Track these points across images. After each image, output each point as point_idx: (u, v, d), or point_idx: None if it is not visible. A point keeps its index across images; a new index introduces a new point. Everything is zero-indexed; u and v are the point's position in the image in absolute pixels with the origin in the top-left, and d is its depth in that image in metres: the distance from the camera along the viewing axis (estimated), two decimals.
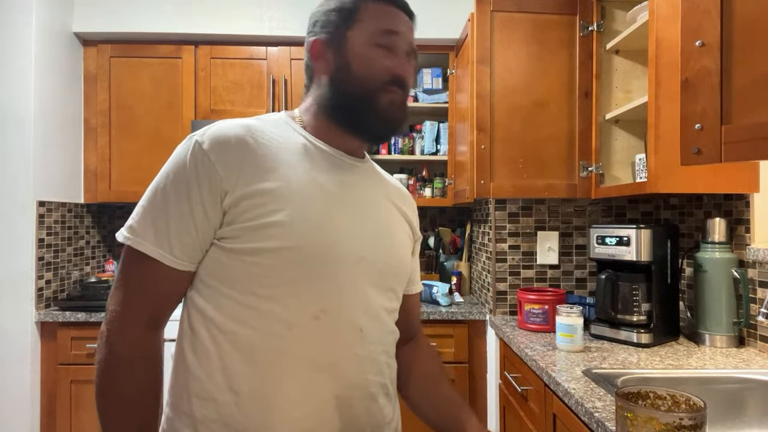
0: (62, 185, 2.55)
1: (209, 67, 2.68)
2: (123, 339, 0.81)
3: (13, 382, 2.30)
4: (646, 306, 1.73)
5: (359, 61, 0.88)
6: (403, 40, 0.90)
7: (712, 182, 1.64)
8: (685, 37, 0.99)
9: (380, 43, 0.88)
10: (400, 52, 0.90)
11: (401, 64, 0.89)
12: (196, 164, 0.80)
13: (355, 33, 0.89)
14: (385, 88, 0.87)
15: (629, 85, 2.09)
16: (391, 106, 0.88)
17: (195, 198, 0.79)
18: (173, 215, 0.79)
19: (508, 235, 2.21)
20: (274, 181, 0.81)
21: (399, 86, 0.88)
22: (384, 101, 0.87)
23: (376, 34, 0.88)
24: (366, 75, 0.87)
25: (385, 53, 0.88)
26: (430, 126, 2.83)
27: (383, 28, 0.89)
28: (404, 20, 0.92)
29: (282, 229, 0.79)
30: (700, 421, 0.77)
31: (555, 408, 1.38)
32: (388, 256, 0.90)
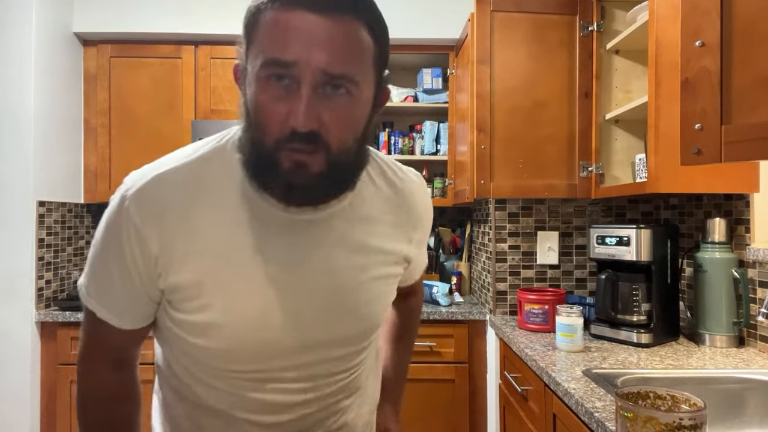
0: (62, 185, 2.55)
1: (209, 67, 2.68)
2: (88, 380, 0.81)
3: (13, 382, 2.30)
4: (646, 306, 1.73)
5: (253, 105, 0.66)
6: (302, 68, 0.61)
7: (712, 182, 1.64)
8: (685, 37, 0.99)
9: (268, 80, 0.63)
10: (301, 88, 0.62)
11: (301, 110, 0.62)
12: (129, 234, 0.69)
13: (250, 59, 0.66)
14: (284, 145, 0.64)
15: (629, 85, 2.09)
16: (296, 168, 0.64)
17: (132, 268, 0.70)
18: (116, 279, 0.72)
19: (508, 235, 2.21)
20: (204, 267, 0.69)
21: (302, 140, 0.63)
22: (286, 164, 0.64)
23: (264, 66, 0.63)
24: (260, 126, 0.65)
25: (278, 94, 0.63)
26: (430, 126, 2.83)
27: (270, 58, 0.63)
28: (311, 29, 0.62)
29: (211, 329, 0.70)
30: (700, 421, 0.77)
31: (555, 408, 1.38)
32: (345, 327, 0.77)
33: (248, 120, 0.68)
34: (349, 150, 0.67)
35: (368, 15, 0.66)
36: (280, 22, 0.62)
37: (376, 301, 0.81)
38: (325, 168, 0.65)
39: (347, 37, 0.63)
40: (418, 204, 0.87)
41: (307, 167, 0.65)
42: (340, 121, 0.65)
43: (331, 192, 0.71)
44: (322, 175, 0.66)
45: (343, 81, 0.64)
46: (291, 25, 0.62)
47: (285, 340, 0.73)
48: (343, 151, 0.66)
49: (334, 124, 0.64)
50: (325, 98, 0.64)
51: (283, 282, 0.72)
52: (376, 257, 0.79)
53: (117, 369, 0.81)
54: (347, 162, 0.68)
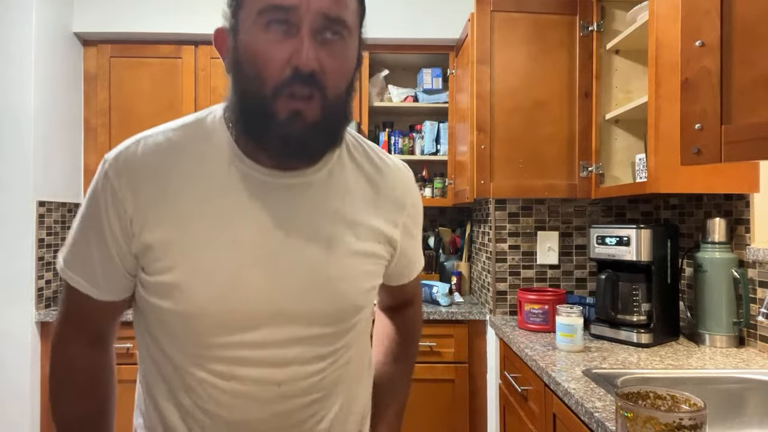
0: (62, 185, 2.55)
1: (209, 67, 2.68)
2: (63, 355, 0.79)
3: (13, 382, 2.30)
4: (646, 306, 1.73)
5: (246, 55, 0.66)
6: (303, 13, 0.63)
7: (712, 182, 1.64)
8: (685, 37, 0.99)
9: (268, 21, 0.64)
10: (302, 30, 0.64)
11: (304, 49, 0.63)
12: (106, 198, 0.70)
13: (243, 14, 0.66)
14: (282, 91, 0.65)
15: (629, 85, 2.09)
16: (295, 116, 0.65)
17: (108, 234, 0.71)
18: (94, 248, 0.72)
19: (508, 235, 2.21)
20: (174, 228, 0.69)
21: (304, 82, 0.64)
22: (282, 112, 0.65)
23: (263, 12, 0.64)
24: (255, 74, 0.66)
25: (278, 37, 0.64)
26: (430, 126, 2.83)
27: (270, 3, 0.64)
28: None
29: (176, 291, 0.69)
30: (700, 421, 0.77)
31: (555, 408, 1.38)
32: (322, 299, 0.74)
33: (241, 74, 0.68)
34: (340, 98, 0.69)
35: None
36: None
37: (354, 278, 0.77)
38: (320, 116, 0.66)
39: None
40: (400, 186, 0.85)
41: (304, 116, 0.65)
42: (336, 65, 0.67)
43: (324, 144, 0.70)
44: (317, 124, 0.66)
45: (339, 26, 0.66)
46: None
47: (253, 307, 0.70)
48: (336, 98, 0.68)
49: (330, 67, 0.66)
50: (323, 43, 0.65)
51: (254, 247, 0.71)
52: (353, 229, 0.77)
53: (93, 345, 0.80)
54: (339, 112, 0.69)
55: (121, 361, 2.33)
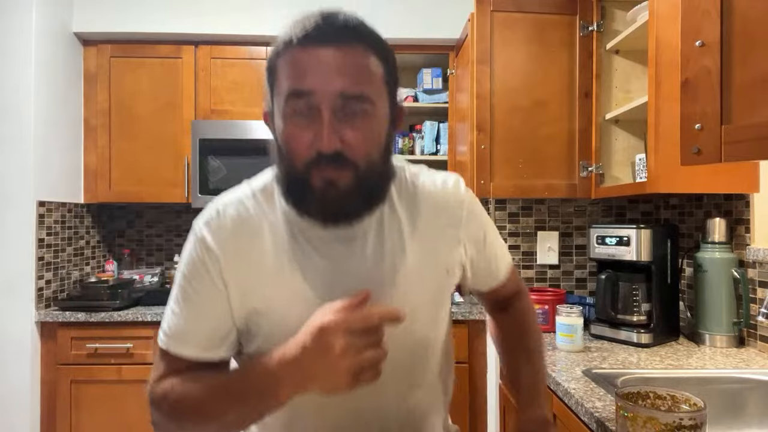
0: (62, 185, 2.55)
1: (209, 67, 2.68)
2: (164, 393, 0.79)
3: (13, 382, 2.30)
4: (646, 306, 1.73)
5: (282, 137, 0.73)
6: (319, 97, 0.68)
7: (712, 182, 1.64)
8: (685, 37, 0.99)
9: (292, 113, 0.71)
10: (322, 113, 0.69)
11: (323, 133, 0.69)
12: (204, 260, 0.78)
13: (276, 100, 0.73)
14: (314, 167, 0.71)
15: (629, 85, 2.09)
16: (327, 186, 0.71)
17: (215, 291, 0.78)
18: (199, 309, 0.79)
19: (508, 235, 2.21)
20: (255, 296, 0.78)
21: (330, 161, 0.69)
22: (316, 181, 0.71)
23: (287, 100, 0.71)
24: (290, 154, 0.72)
25: (302, 123, 0.70)
26: (430, 126, 2.83)
27: (291, 89, 0.70)
28: (322, 56, 0.69)
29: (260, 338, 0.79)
30: (700, 421, 0.77)
31: (555, 408, 1.38)
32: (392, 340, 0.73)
33: (280, 153, 0.75)
34: (375, 164, 0.73)
35: (372, 40, 0.73)
36: (295, 59, 0.70)
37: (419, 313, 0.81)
38: (354, 183, 0.71)
39: (356, 62, 0.70)
40: (453, 202, 0.87)
41: (336, 184, 0.71)
42: (362, 138, 0.71)
43: (362, 206, 0.75)
44: (352, 189, 0.71)
45: (359, 101, 0.70)
46: (305, 59, 0.69)
47: None
48: (370, 166, 0.72)
49: (356, 142, 0.70)
50: (345, 120, 0.70)
51: (322, 295, 0.75)
52: (411, 266, 0.81)
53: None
54: (375, 176, 0.74)
55: (122, 361, 2.33)
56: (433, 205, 0.86)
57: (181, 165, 2.66)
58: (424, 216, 0.84)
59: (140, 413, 2.34)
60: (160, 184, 2.66)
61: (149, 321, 2.32)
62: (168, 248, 3.05)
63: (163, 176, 2.66)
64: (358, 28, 0.72)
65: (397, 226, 0.82)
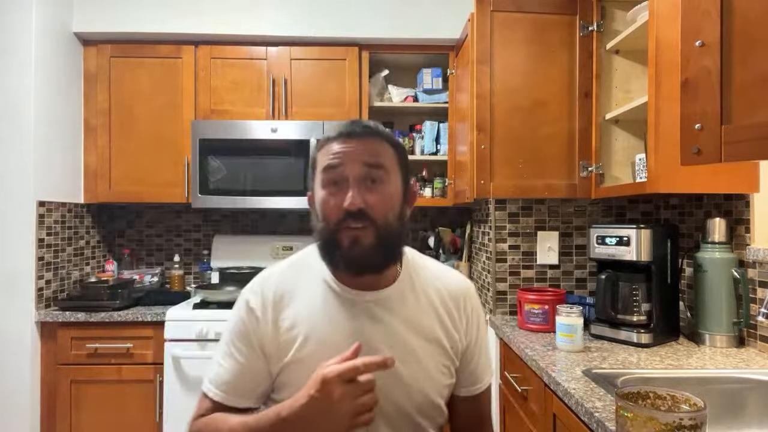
0: (62, 185, 2.55)
1: (209, 67, 2.68)
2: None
3: (13, 382, 2.30)
4: (646, 306, 1.73)
5: (319, 206, 0.93)
6: (349, 168, 0.90)
7: (712, 182, 1.64)
8: (685, 37, 0.99)
9: (327, 182, 0.91)
10: (349, 182, 0.89)
11: (349, 195, 0.88)
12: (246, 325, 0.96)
13: (316, 180, 0.94)
14: (342, 226, 0.89)
15: (629, 85, 2.09)
16: (355, 243, 0.88)
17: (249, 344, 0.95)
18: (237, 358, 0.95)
19: (508, 235, 2.21)
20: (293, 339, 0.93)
21: (354, 218, 0.88)
22: (345, 240, 0.89)
23: (323, 175, 0.92)
24: (325, 217, 0.91)
25: (334, 191, 0.90)
26: (430, 126, 2.83)
27: (325, 166, 0.91)
28: (350, 145, 0.91)
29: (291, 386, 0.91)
30: (700, 421, 0.77)
31: (555, 408, 1.38)
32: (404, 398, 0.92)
33: (317, 218, 0.94)
34: (391, 224, 0.91)
35: (387, 136, 0.95)
36: (332, 145, 0.92)
37: (429, 377, 0.96)
38: (375, 240, 0.89)
39: (374, 145, 0.92)
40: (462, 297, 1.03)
41: (361, 242, 0.88)
42: (380, 201, 0.90)
43: (381, 260, 0.92)
44: (374, 246, 0.89)
45: (377, 170, 0.90)
46: (338, 147, 0.91)
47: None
48: (387, 224, 0.90)
49: (376, 203, 0.89)
50: (366, 188, 0.90)
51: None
52: (423, 334, 0.97)
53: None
54: (392, 235, 0.91)
55: (122, 361, 2.33)
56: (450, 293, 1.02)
57: (181, 165, 2.66)
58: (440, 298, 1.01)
59: (140, 413, 2.35)
60: (160, 184, 2.66)
61: (149, 321, 2.32)
62: (168, 248, 3.05)
63: (163, 176, 2.66)
64: (377, 128, 0.95)
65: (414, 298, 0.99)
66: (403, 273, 1.00)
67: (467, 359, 1.03)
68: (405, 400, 0.93)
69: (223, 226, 3.07)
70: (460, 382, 1.04)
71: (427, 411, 0.96)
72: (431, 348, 0.97)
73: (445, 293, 1.02)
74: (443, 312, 1.00)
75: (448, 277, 1.05)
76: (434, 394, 0.96)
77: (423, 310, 0.98)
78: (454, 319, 1.01)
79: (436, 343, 0.97)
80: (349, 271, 0.92)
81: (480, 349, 1.06)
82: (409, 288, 0.99)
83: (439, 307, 1.00)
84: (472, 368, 1.04)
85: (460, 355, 1.02)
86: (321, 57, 2.70)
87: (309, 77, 2.70)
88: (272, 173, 2.59)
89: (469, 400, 1.06)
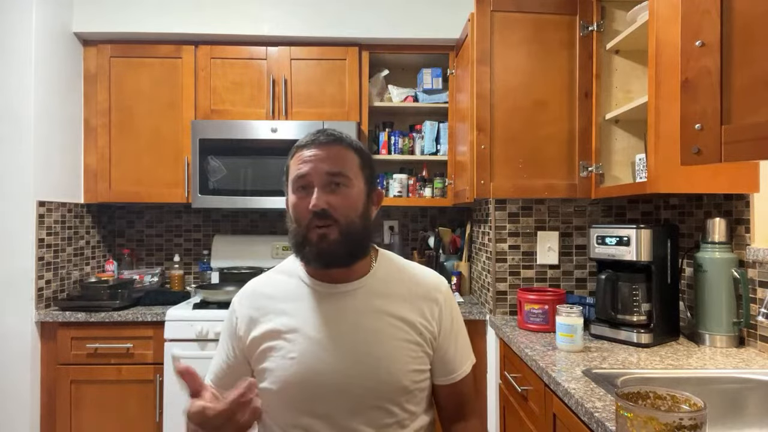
0: (62, 185, 2.55)
1: (209, 67, 2.68)
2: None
3: (13, 382, 2.30)
4: (646, 306, 1.73)
5: (291, 210, 1.04)
6: (314, 176, 1.00)
7: (712, 182, 1.64)
8: (685, 37, 0.99)
9: (296, 188, 1.02)
10: (315, 187, 1.00)
11: (313, 198, 0.98)
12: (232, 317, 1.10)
13: (288, 185, 1.05)
14: (311, 225, 0.99)
15: (629, 85, 2.09)
16: (322, 239, 0.99)
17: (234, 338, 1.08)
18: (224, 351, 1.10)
19: (508, 235, 2.21)
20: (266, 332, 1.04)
21: (321, 217, 0.98)
22: (314, 237, 1.00)
23: (293, 181, 1.03)
24: (296, 218, 1.02)
25: (302, 195, 1.01)
26: (430, 126, 2.83)
27: (295, 175, 1.02)
28: (315, 153, 1.01)
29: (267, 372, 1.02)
30: (700, 421, 0.77)
31: (555, 408, 1.38)
32: (372, 377, 0.99)
33: (290, 219, 1.05)
34: (354, 223, 1.01)
35: (349, 142, 1.05)
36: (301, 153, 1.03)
37: (398, 361, 1.01)
38: (339, 237, 0.99)
39: (337, 153, 1.02)
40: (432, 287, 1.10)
41: (327, 237, 0.99)
42: (341, 203, 1.00)
43: (347, 255, 1.02)
44: (338, 241, 0.99)
45: (338, 177, 1.01)
46: (305, 156, 1.02)
47: (321, 381, 0.99)
48: (349, 223, 1.00)
49: (337, 204, 1.00)
50: (330, 192, 1.00)
51: (317, 340, 1.01)
52: (394, 321, 1.04)
53: None
54: (355, 232, 1.01)
55: (122, 361, 2.33)
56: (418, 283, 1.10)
57: (181, 165, 2.66)
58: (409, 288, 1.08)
59: (140, 413, 2.35)
60: (160, 184, 2.66)
61: (149, 321, 2.32)
62: (168, 248, 3.05)
63: (163, 176, 2.66)
64: (340, 135, 1.04)
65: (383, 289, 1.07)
66: (374, 270, 1.08)
67: (442, 348, 1.08)
68: (371, 381, 0.99)
69: (223, 226, 3.07)
70: (438, 372, 1.09)
71: (393, 394, 1.00)
72: (400, 333, 1.03)
73: (416, 285, 1.09)
74: (414, 301, 1.07)
75: (422, 273, 1.13)
76: (401, 377, 1.01)
77: (393, 300, 1.05)
78: (423, 309, 1.07)
79: (405, 329, 1.04)
80: (318, 265, 1.02)
81: (455, 338, 1.11)
82: (380, 280, 1.07)
83: (409, 297, 1.07)
84: (449, 357, 1.09)
85: (433, 343, 1.07)
86: (321, 57, 2.70)
87: (309, 77, 2.70)
88: (272, 173, 2.59)
89: (449, 388, 1.11)
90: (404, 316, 1.04)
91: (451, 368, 1.10)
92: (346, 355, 1.00)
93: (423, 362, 1.05)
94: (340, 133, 1.05)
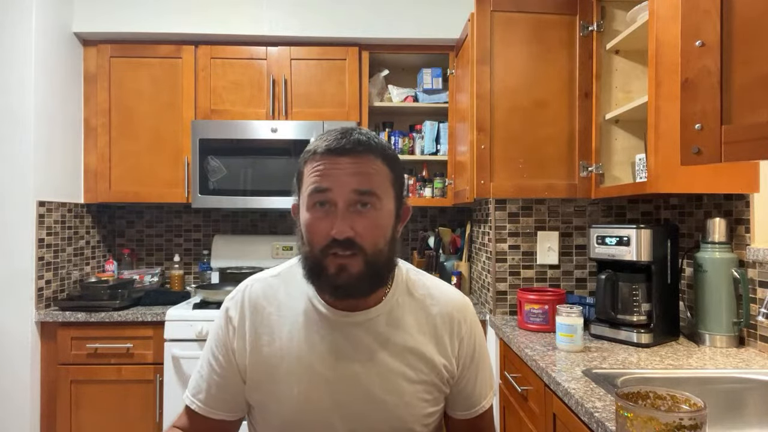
0: (62, 185, 2.55)
1: (209, 67, 2.68)
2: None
3: (13, 382, 2.30)
4: (646, 306, 1.73)
5: (304, 227, 0.86)
6: (337, 193, 0.82)
7: (712, 182, 1.64)
8: (685, 37, 0.99)
9: (313, 205, 0.84)
10: (338, 207, 0.82)
11: (337, 222, 0.81)
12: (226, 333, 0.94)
13: (302, 195, 0.87)
14: (328, 252, 0.82)
15: (629, 85, 2.09)
16: (340, 271, 0.82)
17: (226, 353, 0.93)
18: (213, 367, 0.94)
19: (508, 235, 2.21)
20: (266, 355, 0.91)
21: (342, 247, 0.81)
22: (331, 267, 0.83)
23: (310, 195, 0.84)
24: (310, 241, 0.85)
25: (320, 215, 0.83)
26: (430, 126, 2.83)
27: (313, 188, 0.83)
28: (339, 165, 0.83)
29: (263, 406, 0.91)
30: (700, 421, 0.77)
31: (555, 408, 1.38)
32: (380, 420, 0.88)
33: (302, 239, 0.87)
34: (381, 252, 0.85)
35: (381, 151, 0.86)
36: (321, 161, 0.84)
37: (411, 405, 0.90)
38: (363, 268, 0.83)
39: (367, 167, 0.84)
40: (456, 318, 0.96)
41: (348, 270, 0.82)
42: (370, 228, 0.83)
43: (368, 288, 0.87)
44: (361, 274, 0.83)
45: (368, 196, 0.83)
46: (327, 165, 0.83)
47: (324, 422, 0.88)
48: (376, 252, 0.84)
49: (365, 231, 0.82)
50: (356, 213, 0.82)
51: (324, 372, 0.88)
52: (409, 359, 0.91)
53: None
54: (381, 262, 0.85)
55: (122, 361, 2.33)
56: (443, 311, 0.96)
57: (181, 165, 2.66)
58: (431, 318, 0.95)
59: (140, 413, 2.35)
60: (160, 184, 2.66)
61: (149, 321, 2.32)
62: (168, 248, 3.05)
63: (163, 176, 2.67)
64: (370, 141, 0.85)
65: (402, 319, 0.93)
66: (392, 292, 0.93)
67: (461, 383, 0.97)
68: (382, 426, 0.89)
69: (223, 226, 3.07)
70: (456, 406, 0.99)
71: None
72: (417, 374, 0.91)
73: (437, 315, 0.95)
74: (433, 335, 0.94)
75: (442, 295, 0.98)
76: (413, 423, 0.91)
77: (411, 330, 0.92)
78: (444, 343, 0.94)
79: (422, 369, 0.91)
80: (335, 297, 0.88)
81: (476, 370, 0.99)
82: (397, 309, 0.93)
83: (428, 328, 0.94)
84: (468, 392, 0.99)
85: (451, 381, 0.96)
86: (321, 57, 2.70)
87: (309, 77, 2.70)
88: (272, 173, 2.59)
89: (467, 423, 1.01)
90: (423, 352, 0.92)
91: (471, 403, 1.00)
92: (358, 398, 0.88)
93: (437, 402, 0.95)
94: (369, 137, 0.86)
